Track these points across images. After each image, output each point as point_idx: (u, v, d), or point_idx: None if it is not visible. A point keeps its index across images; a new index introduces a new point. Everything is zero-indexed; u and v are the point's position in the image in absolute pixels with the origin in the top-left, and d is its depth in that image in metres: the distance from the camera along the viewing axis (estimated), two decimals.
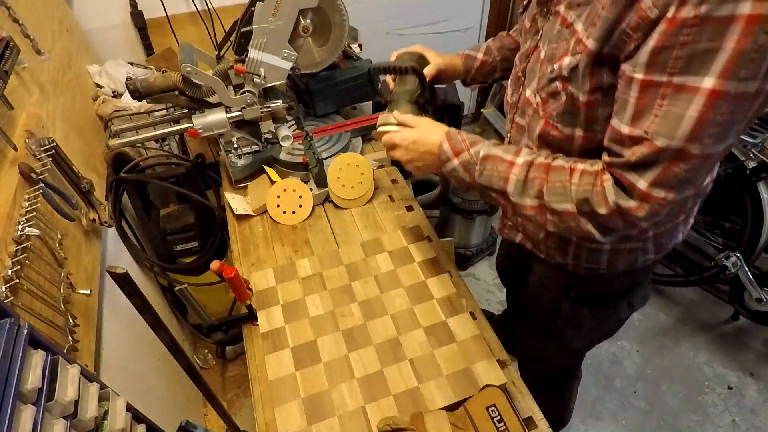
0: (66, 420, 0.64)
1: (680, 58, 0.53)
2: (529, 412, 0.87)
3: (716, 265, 1.88)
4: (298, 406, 0.87)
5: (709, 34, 0.50)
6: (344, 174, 1.27)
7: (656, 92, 0.56)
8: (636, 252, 0.84)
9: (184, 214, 1.68)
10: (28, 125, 0.99)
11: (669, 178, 0.59)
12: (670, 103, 0.55)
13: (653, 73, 0.55)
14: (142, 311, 0.84)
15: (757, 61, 0.50)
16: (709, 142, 0.56)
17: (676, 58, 0.53)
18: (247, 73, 1.21)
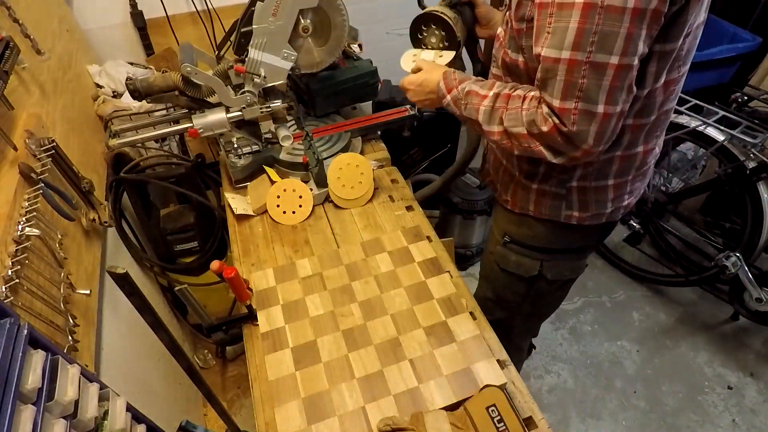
0: (66, 420, 0.64)
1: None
2: (529, 412, 0.87)
3: (716, 265, 1.88)
4: (298, 406, 0.87)
5: None
6: (344, 174, 1.27)
7: (546, 12, 0.69)
8: (560, 199, 0.93)
9: (184, 214, 1.68)
10: (28, 125, 0.99)
11: (571, 87, 0.70)
12: (556, 19, 0.68)
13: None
14: (142, 311, 0.84)
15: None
16: (592, 50, 0.67)
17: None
18: (247, 73, 1.21)
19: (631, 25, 0.65)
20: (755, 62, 2.34)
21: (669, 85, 0.79)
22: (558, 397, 1.89)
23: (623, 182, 0.92)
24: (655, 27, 0.67)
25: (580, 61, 0.68)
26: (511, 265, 1.10)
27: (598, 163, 0.88)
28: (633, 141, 0.86)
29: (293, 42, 1.22)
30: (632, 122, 0.82)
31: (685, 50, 0.76)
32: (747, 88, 2.11)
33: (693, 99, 1.86)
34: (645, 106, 0.80)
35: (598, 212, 0.95)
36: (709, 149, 1.86)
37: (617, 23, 0.64)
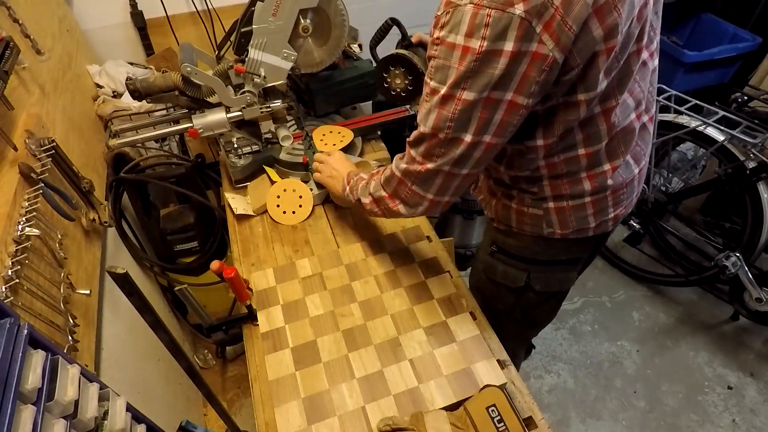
0: (66, 420, 0.64)
1: (433, 67, 0.71)
2: (529, 412, 0.87)
3: (716, 265, 1.88)
4: (298, 406, 0.87)
5: (444, 53, 0.68)
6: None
7: (426, 90, 0.75)
8: (539, 219, 0.94)
9: (184, 214, 1.68)
10: (28, 125, 0.99)
11: (430, 150, 0.78)
12: (427, 99, 0.75)
13: (427, 76, 0.74)
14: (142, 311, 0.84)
15: (476, 77, 0.67)
16: (449, 130, 0.73)
17: (432, 68, 0.72)
18: (247, 73, 1.21)
19: (485, 111, 0.71)
20: (755, 62, 2.34)
21: (609, 113, 0.78)
22: (558, 397, 1.89)
23: (602, 198, 0.90)
24: (514, 116, 0.71)
25: (441, 139, 0.76)
26: (498, 275, 1.09)
27: (567, 186, 0.88)
28: (592, 163, 0.85)
29: (293, 42, 1.22)
30: (584, 151, 0.82)
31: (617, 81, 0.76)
32: (747, 88, 2.11)
33: (693, 99, 1.86)
34: (590, 136, 0.80)
35: (580, 227, 0.93)
36: (709, 149, 1.86)
37: (475, 112, 0.70)
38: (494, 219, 1.05)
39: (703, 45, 2.37)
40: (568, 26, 0.62)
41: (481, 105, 0.69)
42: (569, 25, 0.62)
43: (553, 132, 0.79)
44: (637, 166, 0.92)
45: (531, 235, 0.98)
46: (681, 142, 2.20)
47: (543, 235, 0.96)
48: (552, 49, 0.63)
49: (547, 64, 0.65)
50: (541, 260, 1.03)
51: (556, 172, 0.86)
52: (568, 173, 0.85)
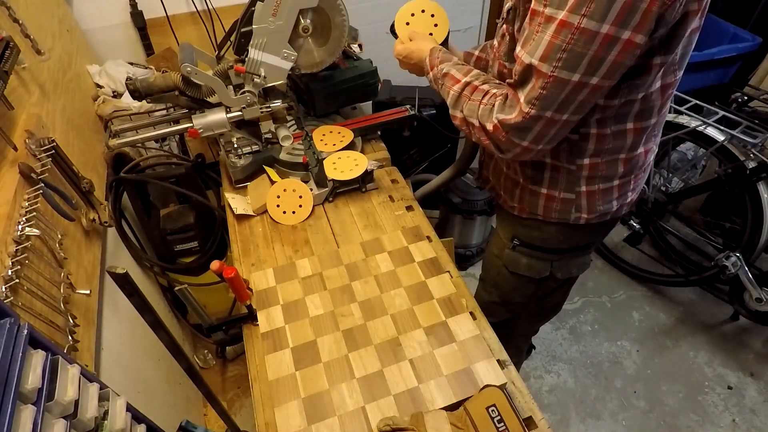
0: (66, 420, 0.64)
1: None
2: (529, 412, 0.87)
3: (716, 265, 1.88)
4: (298, 406, 0.87)
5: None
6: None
7: (536, 20, 0.71)
8: (569, 203, 0.96)
9: (184, 214, 1.68)
10: (28, 125, 0.99)
11: (533, 94, 0.73)
12: (541, 29, 0.70)
13: (537, 4, 0.71)
14: (142, 311, 0.84)
15: (597, 3, 0.63)
16: (557, 65, 0.69)
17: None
18: (247, 73, 1.21)
19: (599, 49, 0.67)
20: (755, 62, 2.33)
21: (666, 89, 0.81)
22: (558, 397, 1.89)
23: (627, 181, 0.95)
24: (629, 56, 0.68)
25: (544, 73, 0.71)
26: (522, 267, 1.11)
27: (604, 167, 0.90)
28: (635, 144, 0.88)
29: (293, 42, 1.22)
30: (633, 126, 0.84)
31: (680, 55, 0.77)
32: (747, 88, 2.11)
33: (693, 99, 1.86)
34: (644, 110, 0.82)
35: (605, 211, 0.97)
36: (709, 149, 1.86)
37: (587, 46, 0.66)
38: (515, 208, 1.05)
39: (703, 45, 2.37)
40: None
41: (599, 40, 0.66)
42: None
43: (617, 93, 0.78)
44: (654, 153, 0.96)
45: (557, 223, 1.00)
46: (681, 142, 2.20)
47: (569, 222, 0.99)
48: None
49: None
50: (564, 248, 1.06)
51: (602, 146, 0.86)
52: (611, 150, 0.87)
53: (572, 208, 0.97)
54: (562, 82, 0.71)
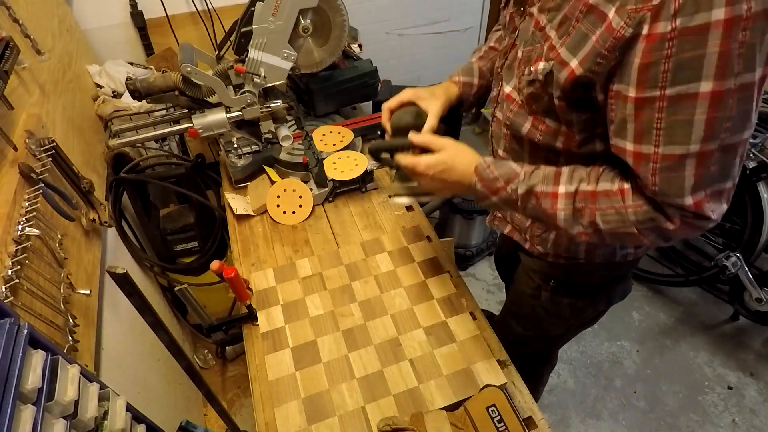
0: (66, 420, 0.64)
1: (668, 71, 0.53)
2: (529, 412, 0.87)
3: (716, 265, 1.88)
4: (298, 406, 0.87)
5: (691, 44, 0.51)
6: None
7: (652, 107, 0.56)
8: (613, 245, 0.85)
9: (184, 214, 1.68)
10: (28, 125, 0.99)
11: (704, 178, 0.58)
12: (669, 114, 0.56)
13: (645, 89, 0.56)
14: (142, 311, 0.84)
15: (746, 55, 0.51)
16: (727, 135, 0.55)
17: (665, 71, 0.54)
18: (247, 73, 1.21)
19: (759, 93, 0.55)
20: None
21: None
22: (558, 397, 1.89)
23: None
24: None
25: (713, 150, 0.56)
26: (564, 308, 1.01)
27: None
28: None
29: (293, 42, 1.22)
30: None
31: None
32: None
33: None
34: None
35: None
36: None
37: (755, 95, 0.54)
38: (549, 255, 0.93)
39: None
40: None
41: (758, 85, 0.54)
42: None
43: None
44: None
45: (600, 263, 0.88)
46: None
47: (615, 261, 0.87)
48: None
49: None
50: (608, 281, 0.96)
51: None
52: None
53: (617, 247, 0.84)
54: (735, 145, 0.57)
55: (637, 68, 0.55)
